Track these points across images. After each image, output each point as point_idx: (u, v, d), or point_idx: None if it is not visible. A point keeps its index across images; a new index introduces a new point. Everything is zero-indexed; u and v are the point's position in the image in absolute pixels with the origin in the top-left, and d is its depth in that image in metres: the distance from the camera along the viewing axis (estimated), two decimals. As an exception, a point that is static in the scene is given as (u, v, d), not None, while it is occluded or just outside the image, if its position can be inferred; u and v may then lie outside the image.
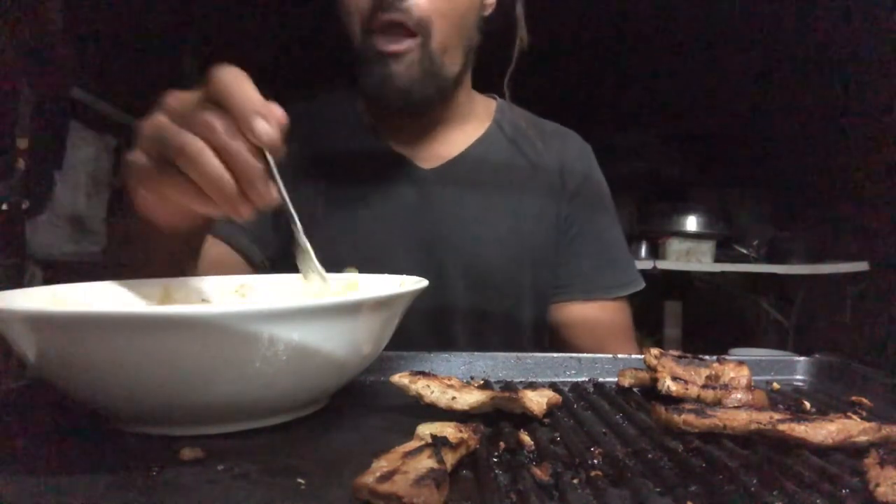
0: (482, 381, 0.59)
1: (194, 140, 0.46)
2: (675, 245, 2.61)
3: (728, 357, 0.58)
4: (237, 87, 0.45)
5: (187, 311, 0.41)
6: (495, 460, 0.40)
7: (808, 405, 0.52)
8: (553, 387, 0.56)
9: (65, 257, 2.03)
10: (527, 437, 0.43)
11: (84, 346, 0.39)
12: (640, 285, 0.96)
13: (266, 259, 0.88)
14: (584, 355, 0.65)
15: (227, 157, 0.46)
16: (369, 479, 0.32)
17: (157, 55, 2.41)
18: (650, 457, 0.40)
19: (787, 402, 0.55)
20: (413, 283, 0.52)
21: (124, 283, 0.58)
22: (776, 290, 2.85)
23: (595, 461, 0.40)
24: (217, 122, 0.45)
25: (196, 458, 0.40)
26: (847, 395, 0.56)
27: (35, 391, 0.55)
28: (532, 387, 0.52)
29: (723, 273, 2.69)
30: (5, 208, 1.72)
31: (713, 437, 0.43)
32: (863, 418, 0.44)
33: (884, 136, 2.27)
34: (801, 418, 0.42)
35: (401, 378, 0.49)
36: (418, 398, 0.48)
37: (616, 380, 0.59)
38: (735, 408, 0.46)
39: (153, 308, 0.55)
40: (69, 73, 1.91)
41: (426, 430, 0.40)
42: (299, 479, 0.37)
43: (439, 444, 0.37)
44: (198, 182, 0.46)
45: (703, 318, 2.86)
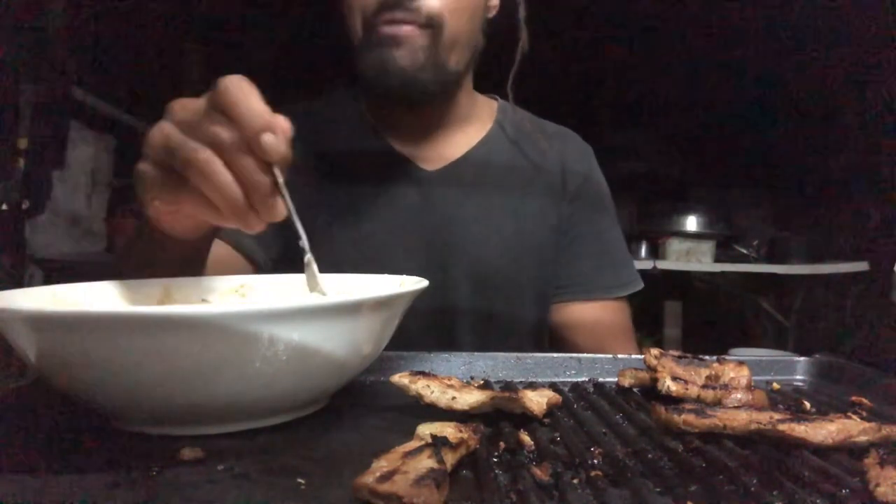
0: (482, 381, 0.59)
1: (203, 152, 0.45)
2: (675, 245, 2.61)
3: (728, 357, 0.58)
4: (244, 98, 0.45)
5: (187, 311, 0.41)
6: (495, 460, 0.40)
7: (808, 405, 0.52)
8: (553, 387, 0.56)
9: (65, 257, 2.04)
10: (527, 437, 0.43)
11: (84, 346, 0.39)
12: (640, 285, 0.96)
13: (269, 259, 0.88)
14: (584, 355, 0.65)
15: (235, 171, 0.45)
16: (369, 479, 0.32)
17: (158, 55, 2.41)
18: (650, 457, 0.40)
19: (787, 402, 0.55)
20: (413, 283, 0.52)
21: (124, 283, 0.58)
22: (776, 290, 2.85)
23: (595, 461, 0.40)
24: (225, 135, 0.45)
25: (196, 458, 0.40)
26: (847, 395, 0.56)
27: (35, 391, 0.55)
28: (532, 387, 0.52)
29: (723, 273, 2.69)
30: (5, 208, 1.72)
31: (713, 437, 0.43)
32: (863, 418, 0.44)
33: (884, 136, 2.27)
34: (801, 418, 0.42)
35: (401, 378, 0.49)
36: (418, 398, 0.48)
37: (616, 380, 0.59)
38: (735, 408, 0.46)
39: (153, 308, 0.55)
40: (69, 74, 1.92)
41: (426, 430, 0.40)
42: (299, 479, 0.37)
43: (439, 444, 0.37)
44: (207, 195, 0.46)
45: (703, 318, 2.86)
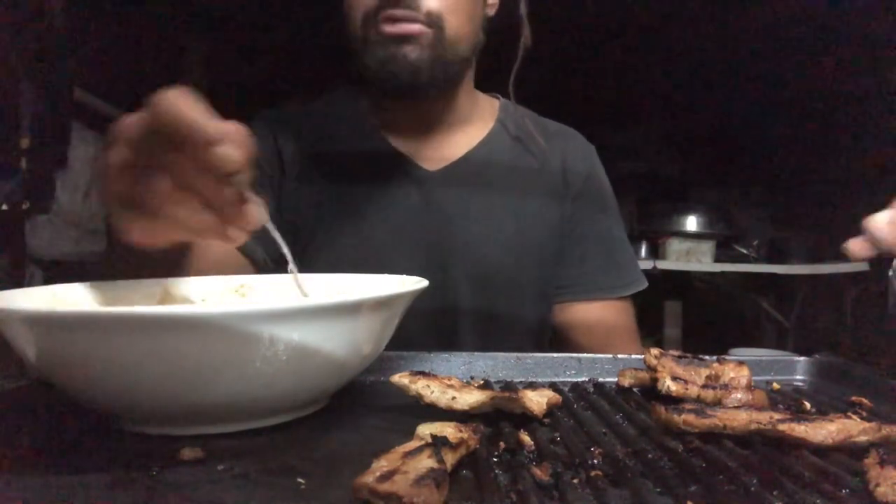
0: (482, 381, 0.59)
1: (159, 182, 0.43)
2: (675, 245, 2.61)
3: (728, 357, 0.58)
4: (186, 114, 0.40)
5: (187, 311, 0.41)
6: (495, 460, 0.40)
7: (808, 405, 0.52)
8: (553, 387, 0.56)
9: (65, 257, 2.03)
10: (527, 437, 0.43)
11: (84, 346, 0.39)
12: (644, 284, 0.96)
13: (269, 259, 0.88)
14: (584, 355, 0.65)
15: (197, 191, 0.43)
16: (369, 479, 0.32)
17: (159, 56, 2.41)
18: (650, 457, 0.40)
19: (787, 402, 0.55)
20: (413, 283, 0.52)
21: (124, 284, 0.58)
22: (776, 290, 2.85)
23: (595, 461, 0.40)
24: (174, 159, 0.42)
25: (196, 458, 0.40)
26: (847, 395, 0.56)
27: (35, 391, 0.55)
28: (532, 387, 0.52)
29: (723, 273, 2.70)
30: (5, 208, 1.72)
31: (713, 437, 0.43)
32: (863, 418, 0.44)
33: (883, 136, 2.27)
34: (801, 418, 0.42)
35: (401, 378, 0.49)
36: (418, 398, 0.48)
37: (616, 380, 0.59)
38: (735, 408, 0.46)
39: (153, 308, 0.55)
40: (71, 74, 1.92)
41: (426, 430, 0.40)
42: (299, 479, 0.37)
43: (439, 444, 0.37)
44: (176, 222, 0.45)
45: (703, 318, 2.86)
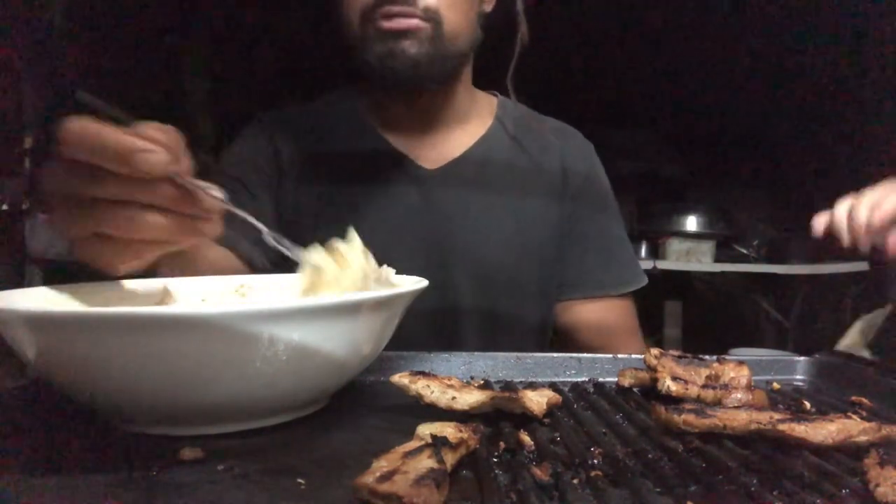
0: (482, 381, 0.59)
1: (105, 217, 0.44)
2: (675, 245, 2.61)
3: (728, 357, 0.58)
4: (96, 138, 0.42)
5: (187, 311, 0.41)
6: (495, 460, 0.40)
7: (808, 405, 0.52)
8: (553, 387, 0.56)
9: (65, 257, 2.03)
10: (527, 437, 0.43)
11: (84, 347, 0.39)
12: (644, 281, 0.96)
13: (267, 262, 0.88)
14: (584, 355, 0.65)
15: (144, 203, 0.44)
16: (369, 479, 0.32)
17: (161, 57, 2.41)
18: (650, 457, 0.40)
19: (787, 402, 0.55)
20: (413, 283, 0.52)
21: (124, 284, 0.58)
22: (776, 290, 2.85)
23: (595, 461, 0.40)
24: (110, 191, 0.43)
25: (196, 458, 0.40)
26: (847, 395, 0.56)
27: (35, 391, 0.55)
28: (532, 387, 0.52)
29: (723, 273, 2.69)
30: (5, 208, 1.72)
31: (713, 437, 0.43)
32: (863, 418, 0.44)
33: (883, 136, 2.27)
34: (801, 418, 0.42)
35: (401, 378, 0.49)
36: (418, 398, 0.48)
37: (616, 380, 0.59)
38: (735, 408, 0.46)
39: (153, 308, 0.55)
40: (74, 76, 1.92)
41: (426, 430, 0.40)
42: (299, 479, 0.37)
43: (439, 444, 0.37)
44: (139, 240, 0.45)
45: (703, 318, 2.86)
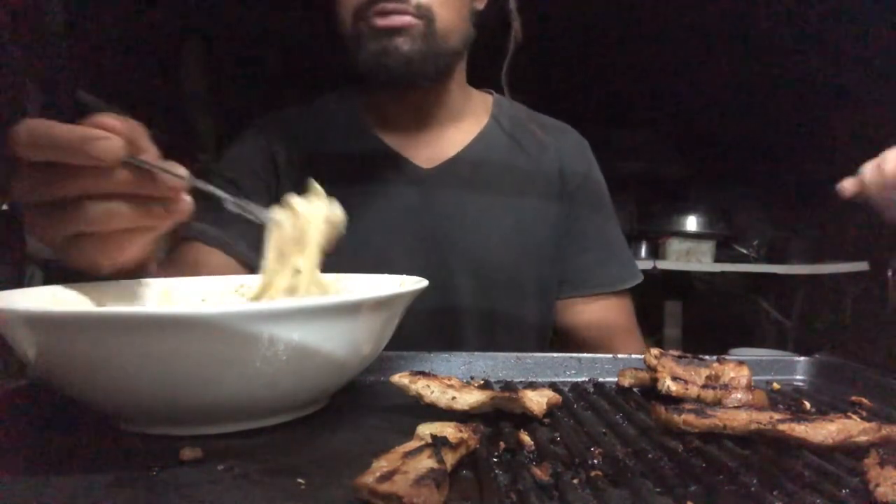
0: (482, 381, 0.59)
1: (75, 216, 0.46)
2: (675, 245, 2.61)
3: (728, 357, 0.58)
4: (46, 135, 0.43)
5: (187, 311, 0.41)
6: (495, 460, 0.40)
7: (808, 405, 0.52)
8: (553, 387, 0.56)
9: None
10: (527, 437, 0.43)
11: (84, 346, 0.39)
12: (640, 277, 0.97)
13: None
14: (584, 355, 0.65)
15: (106, 192, 0.46)
16: (369, 479, 0.32)
17: (161, 58, 2.41)
18: (650, 457, 0.40)
19: (787, 402, 0.55)
20: (413, 283, 0.52)
21: (124, 283, 0.58)
22: (776, 290, 2.84)
23: (595, 461, 0.40)
24: (71, 187, 0.45)
25: (196, 458, 0.40)
26: (847, 395, 0.56)
27: (35, 391, 0.55)
28: (532, 387, 0.52)
29: (723, 273, 2.69)
30: (5, 208, 1.72)
31: (713, 437, 0.43)
32: (863, 418, 0.44)
33: (883, 136, 2.27)
34: (801, 418, 0.42)
35: (401, 378, 0.49)
36: (418, 398, 0.48)
37: (616, 380, 0.59)
38: (735, 408, 0.46)
39: (153, 308, 0.55)
40: (74, 76, 1.92)
41: (426, 430, 0.40)
42: (299, 479, 0.37)
43: (439, 444, 0.37)
44: (120, 230, 0.48)
45: (703, 318, 2.86)
